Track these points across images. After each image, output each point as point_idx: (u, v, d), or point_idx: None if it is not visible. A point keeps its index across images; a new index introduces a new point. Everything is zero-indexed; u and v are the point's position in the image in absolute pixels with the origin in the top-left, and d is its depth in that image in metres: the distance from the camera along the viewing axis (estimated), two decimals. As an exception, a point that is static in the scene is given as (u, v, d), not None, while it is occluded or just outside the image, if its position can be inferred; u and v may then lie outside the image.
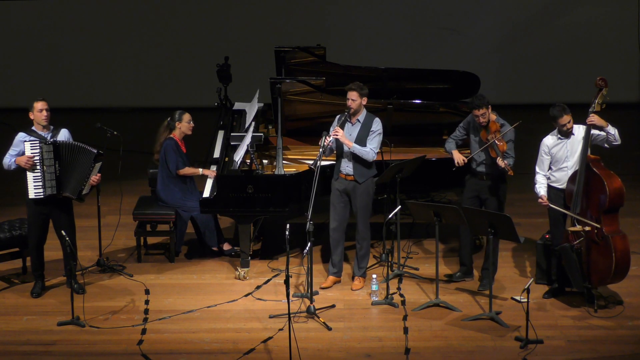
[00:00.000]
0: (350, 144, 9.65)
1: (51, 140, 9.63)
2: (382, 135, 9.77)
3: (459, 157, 9.87)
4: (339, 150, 9.79)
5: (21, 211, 10.54)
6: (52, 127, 9.73)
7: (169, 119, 10.59)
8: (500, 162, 9.49)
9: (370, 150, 9.69)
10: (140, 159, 12.70)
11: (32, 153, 9.56)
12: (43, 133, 9.68)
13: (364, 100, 9.72)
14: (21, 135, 9.67)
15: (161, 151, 10.54)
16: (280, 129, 10.51)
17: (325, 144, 9.58)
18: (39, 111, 9.64)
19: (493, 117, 9.71)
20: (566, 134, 9.40)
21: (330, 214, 9.91)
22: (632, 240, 9.52)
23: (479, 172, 9.83)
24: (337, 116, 9.86)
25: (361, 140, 9.70)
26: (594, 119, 9.23)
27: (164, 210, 10.57)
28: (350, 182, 9.79)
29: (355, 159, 9.72)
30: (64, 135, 9.78)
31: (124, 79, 16.61)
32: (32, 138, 9.62)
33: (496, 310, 9.29)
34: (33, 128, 9.71)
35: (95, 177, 9.79)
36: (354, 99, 9.67)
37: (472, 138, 9.84)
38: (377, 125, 9.75)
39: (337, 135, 9.63)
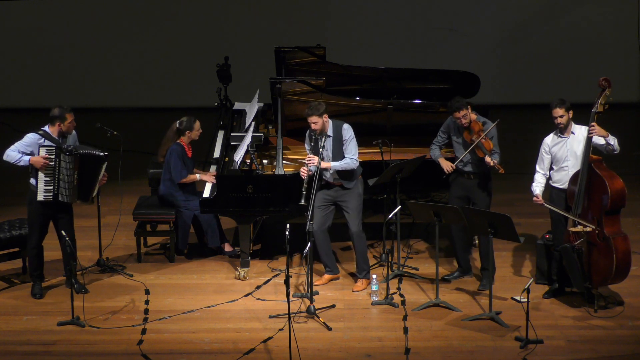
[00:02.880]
0: (329, 165, 9.58)
1: (70, 147, 9.57)
2: (355, 139, 9.70)
3: (446, 165, 9.88)
4: (321, 171, 9.70)
5: (21, 211, 10.54)
6: None
7: (177, 124, 10.55)
8: (489, 160, 9.49)
9: (350, 159, 9.63)
10: (140, 159, 12.70)
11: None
12: (57, 138, 9.61)
13: (325, 117, 9.64)
14: (35, 137, 9.56)
15: (167, 155, 10.51)
16: (280, 129, 10.51)
17: (305, 176, 9.52)
18: (70, 122, 9.62)
19: (473, 116, 9.71)
20: (560, 129, 9.39)
21: (314, 217, 9.85)
22: (632, 240, 9.50)
23: (465, 171, 9.83)
24: (308, 131, 9.78)
25: (337, 151, 9.65)
26: (595, 129, 9.20)
27: (164, 210, 10.58)
28: (337, 187, 9.76)
29: (339, 173, 9.67)
30: (73, 135, 9.78)
31: (124, 79, 16.61)
32: (48, 144, 9.56)
33: (496, 310, 9.29)
34: (47, 130, 9.61)
35: (104, 179, 9.83)
36: (315, 122, 9.59)
37: (455, 140, 9.84)
38: (347, 132, 9.67)
39: (313, 164, 9.56)
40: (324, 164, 9.59)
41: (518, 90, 16.34)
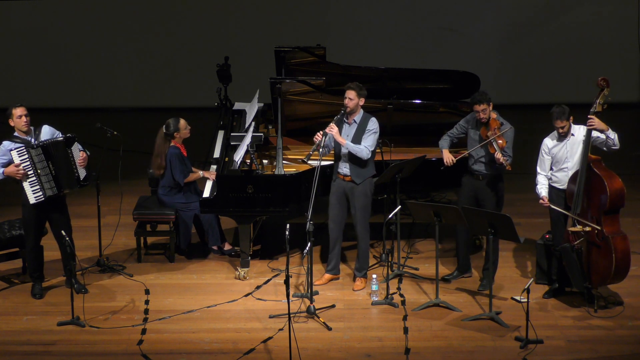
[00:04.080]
0: (343, 142, 9.63)
1: (36, 142, 9.55)
2: (377, 134, 9.75)
3: (448, 157, 9.90)
4: (336, 150, 9.78)
5: (21, 211, 10.54)
6: (32, 128, 9.63)
7: (164, 130, 10.54)
8: (499, 156, 9.50)
9: (365, 147, 9.66)
10: (140, 159, 12.69)
11: (20, 160, 9.47)
12: (26, 137, 9.57)
13: (362, 101, 9.72)
14: (6, 144, 9.53)
15: (166, 161, 10.50)
16: (280, 129, 10.51)
17: (318, 139, 9.58)
18: (19, 117, 9.50)
19: (494, 115, 9.73)
20: (561, 136, 9.41)
21: (329, 213, 9.92)
22: (632, 240, 9.51)
23: (476, 171, 9.84)
24: (335, 117, 9.85)
25: (357, 140, 9.69)
26: (594, 122, 9.21)
27: (164, 210, 10.58)
28: (348, 182, 9.79)
29: (352, 159, 9.71)
30: (47, 131, 9.69)
31: (124, 79, 16.61)
32: (17, 145, 9.50)
33: (496, 310, 9.29)
34: (15, 134, 9.58)
35: (80, 159, 9.73)
36: (352, 97, 9.67)
37: (471, 136, 9.85)
38: (372, 124, 9.74)
39: (331, 131, 9.61)
40: (340, 138, 9.62)
41: (518, 90, 16.33)
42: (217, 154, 10.98)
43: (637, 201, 11.65)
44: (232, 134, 11.04)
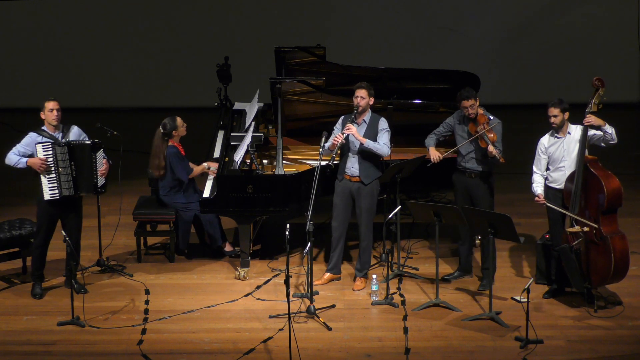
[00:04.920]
0: (364, 140, 9.63)
1: (64, 141, 9.60)
2: (390, 133, 9.77)
3: (434, 154, 9.94)
4: (344, 150, 9.78)
5: (21, 211, 10.55)
6: (62, 126, 9.70)
7: (161, 129, 10.53)
8: (492, 149, 9.51)
9: (384, 144, 9.68)
10: (140, 159, 12.69)
11: (44, 155, 9.51)
12: (54, 133, 9.64)
13: (371, 100, 9.73)
14: (33, 136, 9.58)
15: (167, 162, 10.48)
16: (280, 129, 10.51)
17: (338, 142, 9.56)
18: (50, 111, 9.57)
19: (480, 110, 9.74)
20: (555, 129, 9.39)
21: (333, 213, 9.92)
22: (632, 240, 9.52)
23: (467, 169, 9.84)
24: (342, 117, 9.86)
25: (368, 138, 9.69)
26: (590, 119, 9.23)
27: (164, 210, 10.58)
28: (354, 183, 9.79)
29: (364, 159, 9.70)
30: (75, 132, 9.76)
31: (124, 79, 16.61)
32: (44, 140, 9.56)
33: (496, 310, 9.29)
34: (44, 128, 9.64)
35: (102, 169, 9.80)
36: (363, 96, 9.68)
37: (459, 133, 9.86)
38: (384, 123, 9.76)
39: (350, 131, 9.61)
40: (359, 137, 9.63)
41: (518, 90, 16.34)
42: (217, 154, 10.98)
43: (636, 201, 11.66)
44: (232, 134, 11.04)
